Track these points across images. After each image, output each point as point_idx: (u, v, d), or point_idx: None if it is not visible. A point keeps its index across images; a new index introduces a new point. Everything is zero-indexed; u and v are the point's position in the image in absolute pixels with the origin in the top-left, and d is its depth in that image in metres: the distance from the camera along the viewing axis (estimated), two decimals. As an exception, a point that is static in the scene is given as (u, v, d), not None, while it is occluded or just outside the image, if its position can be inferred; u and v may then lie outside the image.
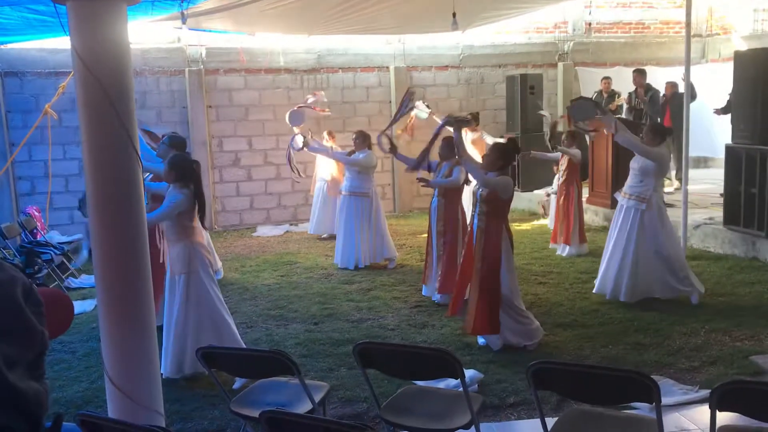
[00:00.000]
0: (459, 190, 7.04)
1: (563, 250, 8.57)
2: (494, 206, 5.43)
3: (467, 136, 10.45)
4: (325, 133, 10.17)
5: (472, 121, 7.76)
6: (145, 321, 3.68)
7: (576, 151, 8.47)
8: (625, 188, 6.62)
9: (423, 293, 7.14)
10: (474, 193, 5.69)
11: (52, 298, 3.48)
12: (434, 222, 7.01)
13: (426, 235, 7.31)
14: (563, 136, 8.67)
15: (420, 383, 4.09)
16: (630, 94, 10.84)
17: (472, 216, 5.68)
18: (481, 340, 5.65)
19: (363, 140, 8.55)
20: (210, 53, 11.04)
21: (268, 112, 11.43)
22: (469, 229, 5.93)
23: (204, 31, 9.87)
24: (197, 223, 5.08)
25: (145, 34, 10.25)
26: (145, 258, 3.70)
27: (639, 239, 6.44)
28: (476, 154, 9.57)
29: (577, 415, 3.17)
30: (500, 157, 5.53)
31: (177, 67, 10.94)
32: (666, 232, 6.49)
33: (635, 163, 6.50)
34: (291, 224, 11.46)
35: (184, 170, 5.02)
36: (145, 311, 3.69)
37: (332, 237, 9.75)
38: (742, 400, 2.62)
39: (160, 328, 4.29)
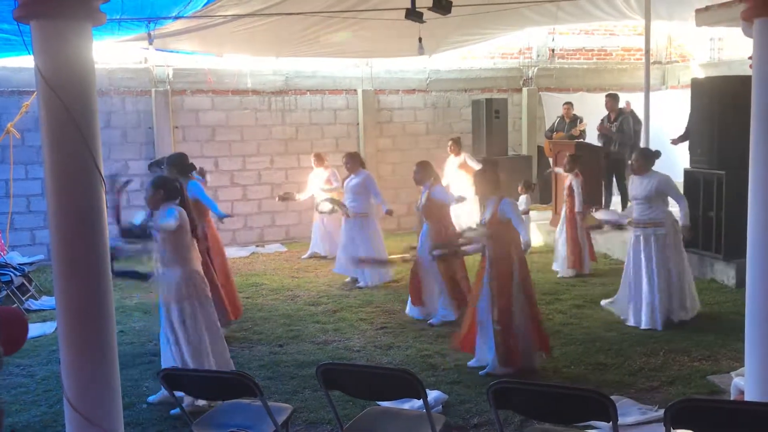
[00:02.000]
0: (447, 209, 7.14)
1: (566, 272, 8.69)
2: (497, 229, 5.46)
3: (450, 160, 10.64)
4: (312, 159, 10.19)
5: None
6: (105, 343, 3.64)
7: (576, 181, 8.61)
8: (635, 219, 6.70)
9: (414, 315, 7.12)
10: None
11: (5, 315, 3.42)
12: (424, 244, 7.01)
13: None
14: (565, 161, 8.82)
15: (384, 404, 4.11)
16: (602, 119, 10.93)
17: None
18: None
19: (354, 162, 8.54)
20: (177, 74, 11.02)
21: (235, 133, 11.42)
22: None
23: (171, 51, 9.89)
24: (195, 247, 5.00)
25: (111, 54, 10.20)
26: (108, 279, 3.67)
27: (666, 263, 6.56)
28: (465, 177, 9.80)
29: (537, 434, 3.22)
30: (495, 181, 5.60)
31: (143, 87, 10.89)
32: (679, 253, 6.66)
33: (636, 192, 6.63)
34: (257, 245, 11.41)
35: (173, 188, 4.96)
36: (106, 333, 3.64)
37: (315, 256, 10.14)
38: (695, 417, 2.69)
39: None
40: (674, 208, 6.80)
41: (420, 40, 7.89)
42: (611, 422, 2.73)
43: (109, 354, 3.64)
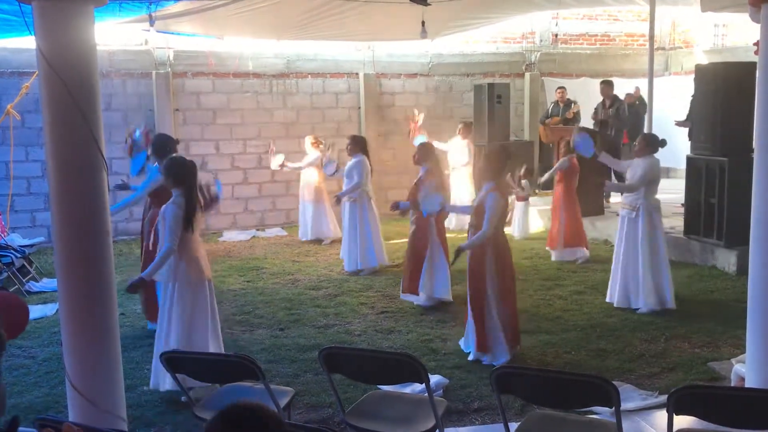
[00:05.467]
0: None
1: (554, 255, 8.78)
2: (481, 220, 5.41)
3: (454, 141, 10.70)
4: (308, 141, 10.15)
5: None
6: (108, 324, 3.65)
7: (562, 161, 8.70)
8: (622, 200, 6.94)
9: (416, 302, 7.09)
10: None
11: (4, 300, 3.43)
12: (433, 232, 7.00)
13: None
14: (561, 144, 8.86)
15: (385, 388, 4.12)
16: (597, 105, 10.96)
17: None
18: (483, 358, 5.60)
19: (354, 145, 8.53)
20: (178, 56, 10.95)
21: (236, 117, 11.37)
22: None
23: (172, 33, 9.81)
24: (196, 234, 4.86)
25: (112, 36, 10.13)
26: (109, 261, 3.67)
27: (635, 246, 6.65)
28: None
29: (539, 419, 3.22)
30: (498, 170, 5.57)
31: (144, 69, 10.82)
32: (654, 240, 6.66)
33: (628, 175, 6.80)
34: (258, 229, 11.40)
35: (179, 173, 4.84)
36: (108, 315, 3.66)
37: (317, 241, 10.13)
38: (697, 404, 2.69)
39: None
40: (666, 195, 6.87)
41: (423, 23, 7.84)
42: (614, 408, 2.74)
43: (111, 336, 3.65)
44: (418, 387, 4.46)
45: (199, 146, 11.15)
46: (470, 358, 5.53)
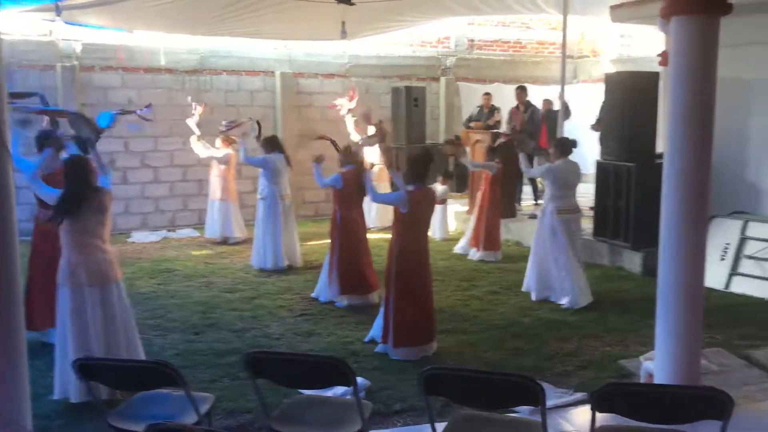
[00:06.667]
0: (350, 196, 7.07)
1: (474, 255, 8.99)
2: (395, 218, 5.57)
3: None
4: (218, 140, 9.94)
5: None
6: (12, 328, 3.42)
7: (491, 164, 8.85)
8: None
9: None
10: None
11: None
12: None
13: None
14: (475, 148, 9.10)
15: (306, 392, 4.04)
16: (512, 110, 11.24)
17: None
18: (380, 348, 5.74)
19: (266, 145, 8.50)
20: (86, 49, 10.46)
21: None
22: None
23: (79, 25, 9.38)
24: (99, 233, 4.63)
25: (13, 25, 9.57)
26: (14, 262, 3.44)
27: (543, 244, 7.06)
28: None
29: (464, 419, 3.24)
30: (419, 174, 5.60)
31: (47, 61, 10.28)
32: (557, 241, 6.95)
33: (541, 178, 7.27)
34: (169, 230, 11.04)
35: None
36: (13, 318, 3.43)
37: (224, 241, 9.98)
38: (619, 401, 2.77)
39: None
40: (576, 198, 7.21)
41: (343, 24, 7.80)
42: (540, 406, 2.78)
43: (15, 339, 3.43)
44: (339, 390, 4.41)
45: (106, 143, 10.64)
46: (366, 339, 5.84)
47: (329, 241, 7.24)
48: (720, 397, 2.61)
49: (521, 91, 11.13)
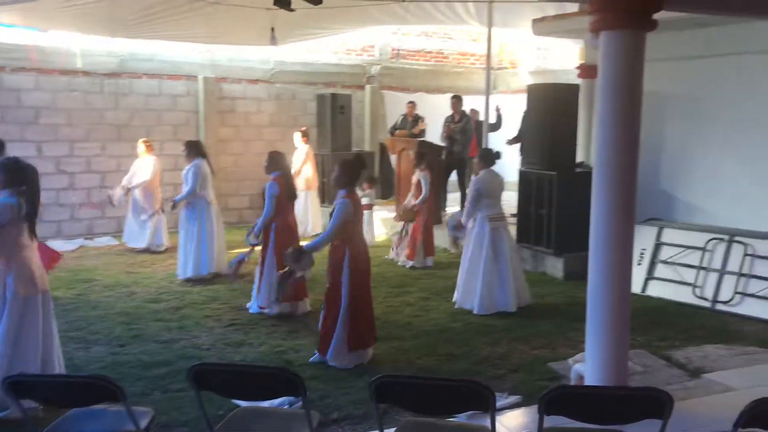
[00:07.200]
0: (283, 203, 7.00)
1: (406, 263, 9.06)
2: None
3: (299, 150, 10.75)
4: (141, 145, 9.72)
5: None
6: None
7: (424, 196, 8.93)
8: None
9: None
10: None
11: None
12: None
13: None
14: (413, 157, 9.26)
15: (243, 404, 3.96)
16: (446, 120, 11.36)
17: None
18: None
19: (190, 150, 8.29)
20: (-5, 48, 9.97)
21: (61, 116, 10.53)
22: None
23: (-12, 23, 8.93)
24: (28, 239, 4.46)
25: None
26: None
27: (479, 254, 7.13)
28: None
29: (412, 426, 3.26)
30: (349, 181, 5.59)
31: (-49, 61, 9.74)
32: (495, 246, 7.13)
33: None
34: (86, 238, 10.62)
35: (16, 173, 4.45)
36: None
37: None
38: (566, 403, 2.85)
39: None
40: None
41: (273, 29, 7.72)
42: (490, 411, 2.83)
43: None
44: (276, 401, 4.35)
45: (19, 148, 10.16)
46: (311, 360, 5.65)
47: (259, 249, 7.13)
48: (661, 396, 2.72)
49: (456, 100, 11.24)
